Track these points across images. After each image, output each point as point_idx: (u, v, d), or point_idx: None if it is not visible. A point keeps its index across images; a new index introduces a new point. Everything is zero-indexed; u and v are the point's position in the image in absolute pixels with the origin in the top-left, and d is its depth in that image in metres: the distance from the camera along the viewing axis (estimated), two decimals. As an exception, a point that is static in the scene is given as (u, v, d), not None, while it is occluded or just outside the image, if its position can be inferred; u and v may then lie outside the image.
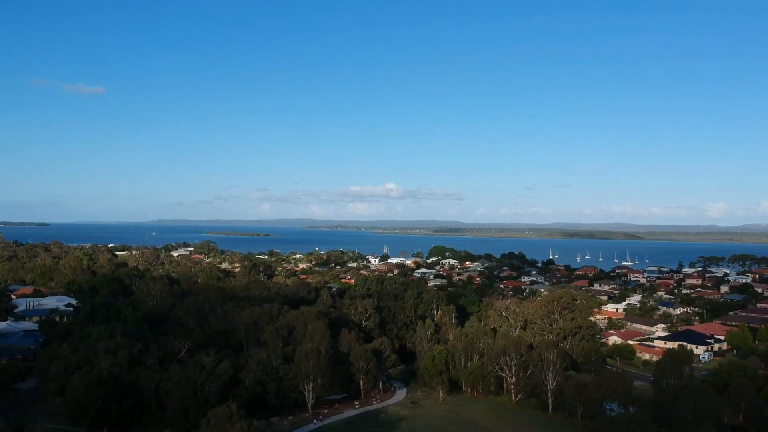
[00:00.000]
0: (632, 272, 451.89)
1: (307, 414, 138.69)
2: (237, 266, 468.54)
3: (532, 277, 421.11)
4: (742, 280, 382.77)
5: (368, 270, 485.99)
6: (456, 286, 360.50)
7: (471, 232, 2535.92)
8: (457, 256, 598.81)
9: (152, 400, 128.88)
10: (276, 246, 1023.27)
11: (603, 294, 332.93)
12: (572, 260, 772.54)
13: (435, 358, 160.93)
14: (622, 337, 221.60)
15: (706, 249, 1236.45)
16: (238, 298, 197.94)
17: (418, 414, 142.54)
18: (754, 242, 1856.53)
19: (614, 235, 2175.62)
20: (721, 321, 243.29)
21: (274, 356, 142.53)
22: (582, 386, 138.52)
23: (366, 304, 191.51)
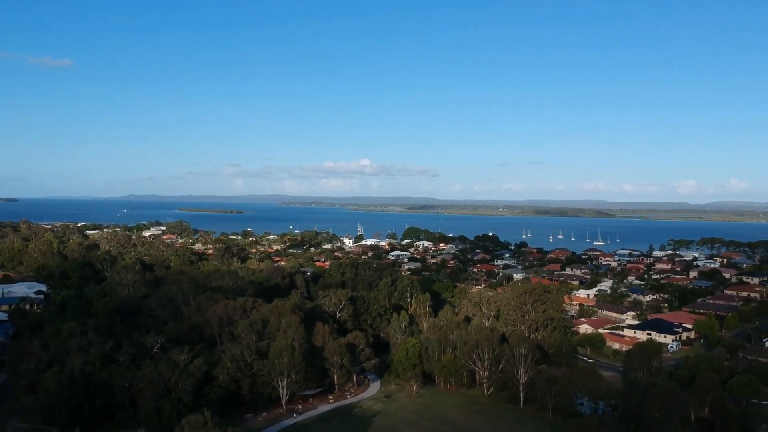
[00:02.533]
0: (603, 255, 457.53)
1: (281, 410, 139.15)
2: (210, 248, 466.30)
3: (506, 261, 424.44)
4: (711, 265, 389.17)
5: (342, 252, 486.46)
6: (430, 270, 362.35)
7: (445, 209, 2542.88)
8: (431, 238, 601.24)
9: (125, 399, 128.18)
10: (249, 224, 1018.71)
11: (575, 279, 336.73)
12: (545, 239, 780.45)
13: (409, 351, 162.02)
14: (593, 325, 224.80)
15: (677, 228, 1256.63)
16: (212, 289, 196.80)
17: (391, 408, 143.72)
18: (723, 220, 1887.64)
19: (585, 212, 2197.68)
20: (690, 309, 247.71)
21: (248, 352, 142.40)
22: (553, 380, 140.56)
23: (340, 295, 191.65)
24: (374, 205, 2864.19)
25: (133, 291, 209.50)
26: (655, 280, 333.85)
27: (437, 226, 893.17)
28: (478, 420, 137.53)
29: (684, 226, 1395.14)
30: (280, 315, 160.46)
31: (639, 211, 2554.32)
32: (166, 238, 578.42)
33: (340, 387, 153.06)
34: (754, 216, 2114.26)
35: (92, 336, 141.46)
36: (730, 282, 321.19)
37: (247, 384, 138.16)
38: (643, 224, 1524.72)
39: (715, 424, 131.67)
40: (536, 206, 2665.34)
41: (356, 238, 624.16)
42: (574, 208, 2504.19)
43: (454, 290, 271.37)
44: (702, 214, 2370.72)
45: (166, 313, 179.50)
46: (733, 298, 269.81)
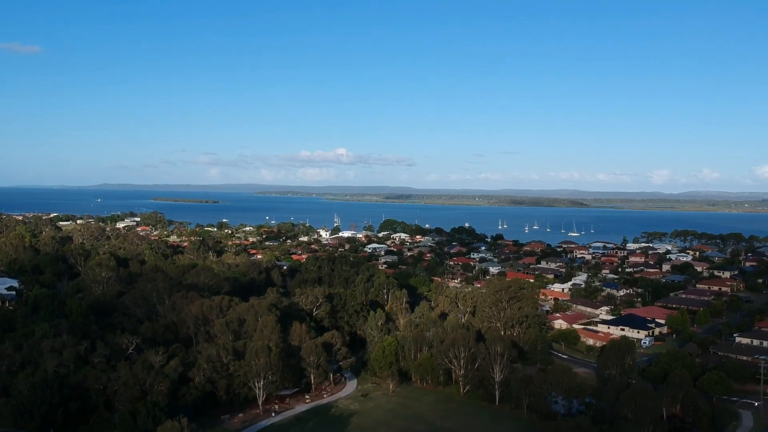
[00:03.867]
0: (578, 248, 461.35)
1: (257, 410, 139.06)
2: (185, 240, 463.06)
3: (482, 254, 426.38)
4: (683, 258, 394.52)
5: (319, 244, 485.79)
6: (407, 264, 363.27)
7: (422, 198, 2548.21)
8: (408, 230, 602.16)
9: (100, 401, 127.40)
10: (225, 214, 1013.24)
11: (550, 273, 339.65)
12: (521, 230, 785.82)
13: (385, 349, 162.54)
14: (568, 320, 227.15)
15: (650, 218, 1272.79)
16: (187, 287, 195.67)
17: (368, 408, 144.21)
18: (695, 210, 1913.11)
19: (560, 202, 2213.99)
20: (662, 303, 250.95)
21: (225, 352, 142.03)
22: (528, 379, 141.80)
23: (317, 292, 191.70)
24: (351, 195, 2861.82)
25: (108, 288, 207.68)
26: (629, 273, 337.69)
27: (414, 217, 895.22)
28: (454, 419, 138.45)
29: (657, 216, 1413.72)
30: (257, 314, 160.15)
31: (613, 200, 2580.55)
32: (141, 229, 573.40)
33: (316, 386, 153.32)
34: (725, 206, 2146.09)
35: (66, 337, 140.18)
36: (702, 276, 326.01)
37: (223, 385, 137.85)
38: (617, 214, 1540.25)
39: (686, 421, 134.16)
40: (512, 196, 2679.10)
41: (333, 230, 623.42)
42: (549, 197, 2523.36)
43: (431, 285, 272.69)
44: (675, 204, 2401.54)
45: (141, 312, 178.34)
46: (705, 293, 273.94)
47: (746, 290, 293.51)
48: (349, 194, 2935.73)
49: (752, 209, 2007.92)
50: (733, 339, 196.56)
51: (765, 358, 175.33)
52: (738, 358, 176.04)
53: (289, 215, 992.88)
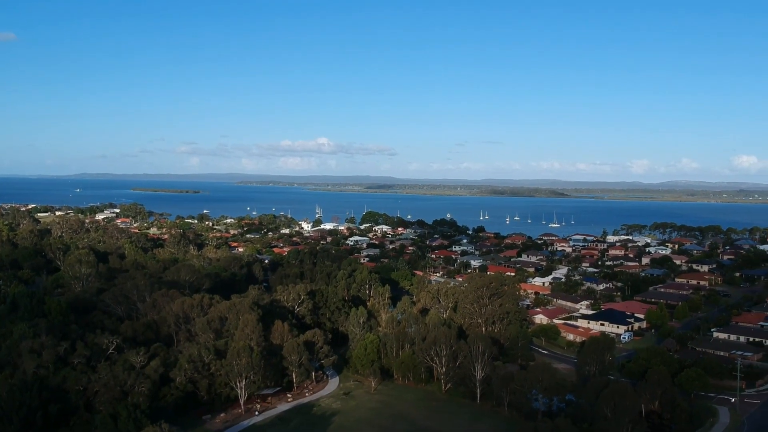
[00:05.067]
0: (559, 241, 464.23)
1: (239, 410, 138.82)
2: (166, 233, 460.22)
3: (463, 247, 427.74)
4: (663, 252, 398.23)
5: (301, 237, 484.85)
6: (389, 257, 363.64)
7: (404, 188, 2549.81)
8: (390, 222, 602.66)
9: (80, 402, 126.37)
10: (206, 205, 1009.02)
11: (530, 266, 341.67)
12: (502, 221, 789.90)
13: (367, 347, 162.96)
14: (548, 315, 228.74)
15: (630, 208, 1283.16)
16: (168, 284, 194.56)
17: (350, 406, 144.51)
18: (674, 200, 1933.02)
19: (541, 192, 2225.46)
20: (641, 297, 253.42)
21: (206, 352, 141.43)
22: (509, 377, 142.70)
23: (299, 289, 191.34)
24: (333, 185, 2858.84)
25: (87, 285, 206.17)
26: (609, 267, 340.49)
27: (396, 208, 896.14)
28: (436, 417, 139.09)
29: (637, 206, 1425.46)
30: (238, 312, 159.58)
31: (593, 190, 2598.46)
32: (121, 221, 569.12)
33: (298, 385, 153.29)
34: (704, 196, 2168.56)
35: (45, 338, 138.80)
36: (681, 269, 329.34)
37: (204, 385, 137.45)
38: (597, 205, 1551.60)
39: (664, 418, 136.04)
40: (494, 186, 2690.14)
41: (315, 222, 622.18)
42: (531, 187, 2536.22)
43: (413, 279, 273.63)
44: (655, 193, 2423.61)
45: (121, 310, 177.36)
46: (684, 287, 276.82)
47: (724, 284, 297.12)
48: (330, 184, 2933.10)
49: (730, 199, 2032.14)
50: (710, 334, 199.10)
51: (741, 353, 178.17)
52: (715, 353, 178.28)
53: (271, 206, 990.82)
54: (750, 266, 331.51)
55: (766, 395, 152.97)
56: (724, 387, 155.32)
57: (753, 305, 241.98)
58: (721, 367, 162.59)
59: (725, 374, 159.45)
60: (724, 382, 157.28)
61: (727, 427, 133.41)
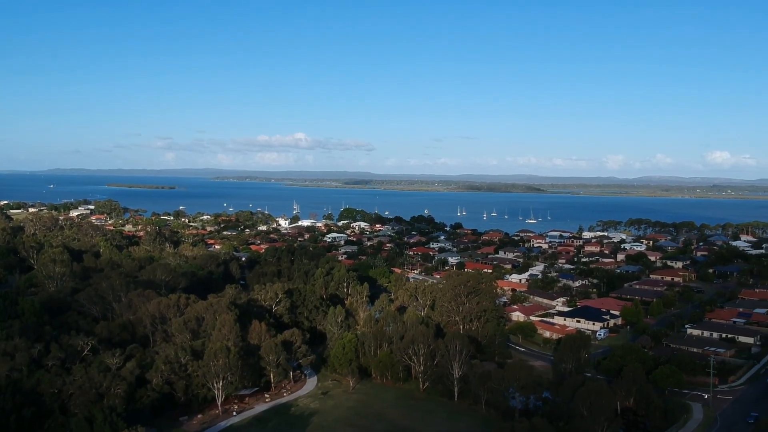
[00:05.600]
0: (535, 237, 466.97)
1: (217, 411, 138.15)
2: (141, 229, 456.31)
3: (441, 243, 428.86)
4: (638, 248, 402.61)
5: (278, 234, 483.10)
6: (366, 254, 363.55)
7: (381, 184, 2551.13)
8: (367, 219, 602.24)
9: (55, 405, 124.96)
10: (182, 201, 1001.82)
11: (507, 263, 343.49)
12: (479, 217, 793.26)
13: (345, 346, 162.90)
14: (525, 312, 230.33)
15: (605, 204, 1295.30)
16: (144, 283, 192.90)
17: (328, 406, 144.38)
18: (649, 195, 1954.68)
19: (517, 188, 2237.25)
20: (617, 294, 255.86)
21: (183, 353, 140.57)
22: (486, 376, 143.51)
23: (276, 288, 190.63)
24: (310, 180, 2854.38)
25: (62, 285, 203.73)
26: (585, 263, 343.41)
27: (373, 204, 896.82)
28: (414, 416, 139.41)
29: (612, 202, 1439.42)
30: (215, 312, 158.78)
31: (569, 186, 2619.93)
32: (95, 218, 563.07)
33: (276, 385, 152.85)
34: (679, 191, 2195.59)
35: (18, 340, 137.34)
36: (655, 266, 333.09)
37: (181, 386, 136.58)
38: (573, 200, 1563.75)
39: (639, 415, 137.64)
40: (470, 182, 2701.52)
41: (292, 218, 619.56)
42: (508, 183, 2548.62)
43: (391, 276, 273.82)
44: (630, 189, 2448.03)
45: (96, 310, 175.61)
46: (658, 283, 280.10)
47: (698, 280, 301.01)
48: (308, 180, 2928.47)
49: (704, 194, 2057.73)
50: (684, 331, 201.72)
51: (714, 350, 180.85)
52: (689, 350, 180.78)
53: (248, 202, 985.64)
54: (723, 262, 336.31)
55: (739, 391, 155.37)
56: (697, 383, 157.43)
57: (726, 301, 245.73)
58: (695, 363, 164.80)
59: (699, 371, 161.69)
60: (697, 378, 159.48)
61: (701, 424, 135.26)
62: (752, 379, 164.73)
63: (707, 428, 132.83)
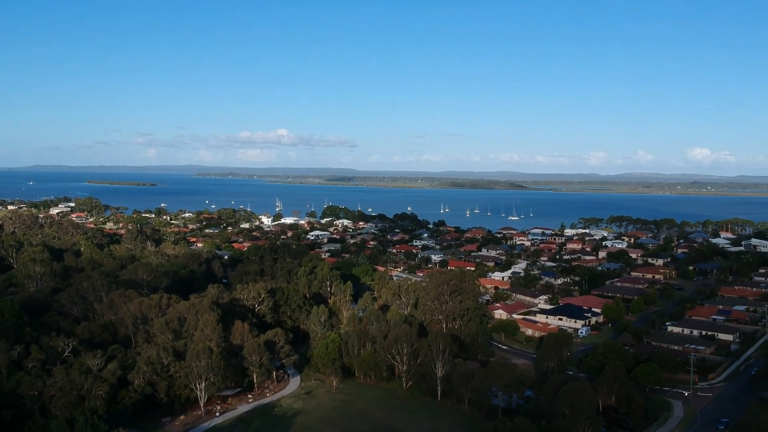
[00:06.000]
0: (518, 235, 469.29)
1: (199, 412, 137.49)
2: (122, 227, 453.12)
3: (424, 241, 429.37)
4: (619, 245, 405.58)
5: (261, 231, 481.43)
6: (350, 252, 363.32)
7: (364, 181, 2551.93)
8: (350, 216, 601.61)
9: (35, 408, 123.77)
10: (163, 198, 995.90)
11: (490, 260, 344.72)
12: (462, 215, 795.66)
13: (328, 346, 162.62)
14: (508, 310, 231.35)
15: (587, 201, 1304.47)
16: (125, 283, 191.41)
17: (311, 406, 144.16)
18: (630, 192, 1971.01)
19: (500, 184, 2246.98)
20: (598, 291, 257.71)
21: (165, 354, 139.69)
22: (469, 375, 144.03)
23: (259, 288, 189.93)
24: (293, 177, 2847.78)
25: (42, 285, 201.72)
26: (567, 261, 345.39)
27: (356, 201, 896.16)
28: (397, 416, 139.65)
29: (594, 199, 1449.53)
30: (198, 313, 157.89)
31: (551, 182, 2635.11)
32: (76, 216, 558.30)
33: (259, 385, 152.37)
34: (660, 188, 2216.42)
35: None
36: (636, 263, 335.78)
37: (163, 387, 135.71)
38: (556, 197, 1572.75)
39: (621, 412, 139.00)
40: (453, 178, 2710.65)
41: (275, 216, 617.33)
42: (491, 180, 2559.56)
43: (374, 274, 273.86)
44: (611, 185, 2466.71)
45: (77, 311, 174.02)
46: (639, 281, 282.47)
47: (678, 277, 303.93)
48: (291, 176, 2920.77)
49: (684, 191, 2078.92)
50: (665, 328, 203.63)
51: (695, 347, 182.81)
52: (670, 347, 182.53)
53: (230, 199, 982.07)
54: (703, 260, 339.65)
55: (719, 389, 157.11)
56: (678, 381, 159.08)
57: (706, 299, 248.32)
58: (675, 361, 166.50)
59: (679, 368, 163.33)
60: (678, 376, 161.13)
61: (681, 421, 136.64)
62: (732, 377, 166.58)
63: (687, 426, 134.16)
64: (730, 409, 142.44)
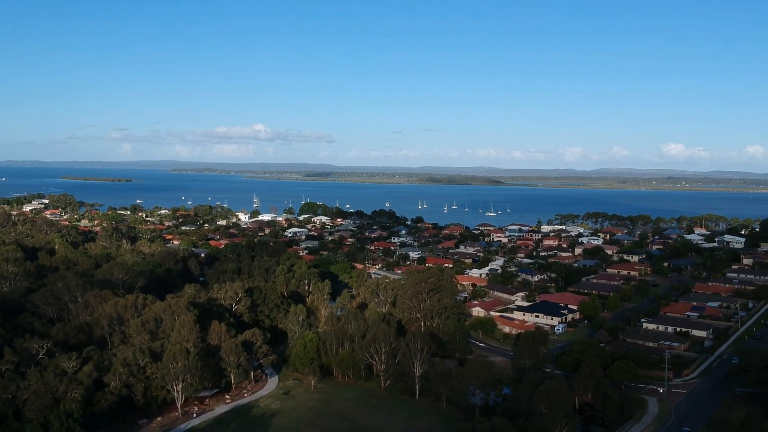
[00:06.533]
0: (495, 231, 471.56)
1: (176, 413, 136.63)
2: (97, 225, 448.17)
3: (402, 238, 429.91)
4: (595, 242, 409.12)
5: (238, 228, 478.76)
6: (328, 249, 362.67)
7: (342, 176, 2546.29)
8: (328, 213, 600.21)
9: (9, 411, 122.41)
10: (139, 194, 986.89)
11: (468, 257, 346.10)
12: (440, 210, 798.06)
13: (306, 345, 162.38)
14: (485, 307, 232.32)
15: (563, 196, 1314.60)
16: (100, 283, 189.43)
17: (290, 406, 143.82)
18: (606, 187, 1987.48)
19: (477, 180, 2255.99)
20: (575, 288, 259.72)
21: (141, 355, 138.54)
22: (447, 374, 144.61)
23: (236, 287, 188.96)
24: (270, 172, 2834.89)
25: (15, 285, 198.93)
26: (543, 257, 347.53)
27: (334, 197, 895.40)
28: (375, 415, 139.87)
29: (570, 194, 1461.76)
30: (174, 313, 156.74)
31: (528, 178, 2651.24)
32: (50, 213, 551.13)
33: (237, 386, 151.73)
34: (635, 183, 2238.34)
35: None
36: (612, 260, 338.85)
37: (140, 389, 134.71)
38: (532, 192, 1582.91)
39: (597, 409, 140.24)
40: (431, 174, 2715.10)
41: (252, 213, 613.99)
42: (467, 175, 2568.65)
43: (352, 272, 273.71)
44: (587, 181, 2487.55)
45: (52, 311, 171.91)
46: (615, 277, 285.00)
47: (653, 274, 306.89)
48: (268, 172, 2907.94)
49: (659, 186, 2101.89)
50: (640, 325, 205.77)
51: (669, 344, 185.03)
52: (645, 344, 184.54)
53: (207, 195, 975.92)
54: (677, 256, 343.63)
55: (693, 385, 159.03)
56: (653, 377, 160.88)
57: (680, 295, 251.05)
58: (650, 358, 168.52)
59: (654, 365, 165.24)
60: (653, 372, 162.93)
61: (656, 417, 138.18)
62: (705, 373, 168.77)
63: (662, 422, 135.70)
64: (704, 405, 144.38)
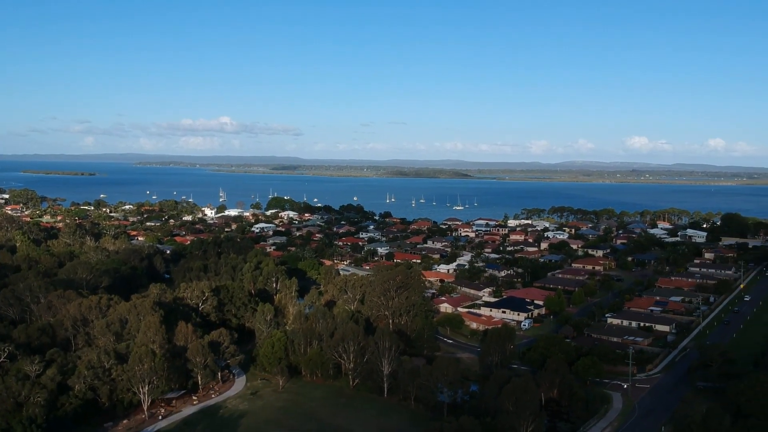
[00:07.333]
0: (463, 226, 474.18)
1: (143, 416, 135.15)
2: (60, 220, 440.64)
3: (370, 233, 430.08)
4: (560, 236, 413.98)
5: (204, 224, 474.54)
6: (295, 245, 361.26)
7: (310, 170, 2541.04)
8: (296, 207, 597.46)
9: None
10: (103, 188, 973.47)
11: (435, 252, 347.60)
12: (408, 204, 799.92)
13: (274, 344, 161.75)
14: (453, 303, 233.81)
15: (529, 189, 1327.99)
16: (64, 283, 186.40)
17: (257, 407, 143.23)
18: (571, 180, 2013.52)
19: (444, 173, 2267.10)
20: (541, 284, 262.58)
21: (106, 357, 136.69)
22: (415, 372, 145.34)
23: (203, 286, 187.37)
24: (236, 166, 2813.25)
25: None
26: (510, 252, 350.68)
27: (302, 191, 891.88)
28: (344, 414, 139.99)
29: (536, 187, 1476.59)
30: (140, 314, 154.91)
31: (495, 171, 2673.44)
32: (10, 209, 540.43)
33: (204, 386, 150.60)
34: (600, 176, 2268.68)
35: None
36: (577, 255, 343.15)
37: (105, 391, 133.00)
38: (499, 186, 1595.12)
39: (563, 405, 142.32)
40: (399, 167, 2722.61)
41: (218, 208, 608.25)
42: (435, 168, 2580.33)
43: (320, 268, 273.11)
44: (553, 174, 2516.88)
45: (13, 313, 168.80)
46: (580, 272, 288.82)
47: (617, 268, 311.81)
48: (234, 165, 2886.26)
49: (623, 179, 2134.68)
50: (605, 320, 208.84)
51: (633, 339, 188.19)
52: (609, 339, 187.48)
53: (172, 189, 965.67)
54: (641, 250, 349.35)
55: (656, 380, 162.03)
56: (617, 373, 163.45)
57: (644, 290, 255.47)
58: (615, 353, 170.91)
59: (618, 360, 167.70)
60: (617, 367, 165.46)
61: (620, 413, 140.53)
62: (668, 367, 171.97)
63: (626, 417, 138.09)
64: (667, 400, 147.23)
